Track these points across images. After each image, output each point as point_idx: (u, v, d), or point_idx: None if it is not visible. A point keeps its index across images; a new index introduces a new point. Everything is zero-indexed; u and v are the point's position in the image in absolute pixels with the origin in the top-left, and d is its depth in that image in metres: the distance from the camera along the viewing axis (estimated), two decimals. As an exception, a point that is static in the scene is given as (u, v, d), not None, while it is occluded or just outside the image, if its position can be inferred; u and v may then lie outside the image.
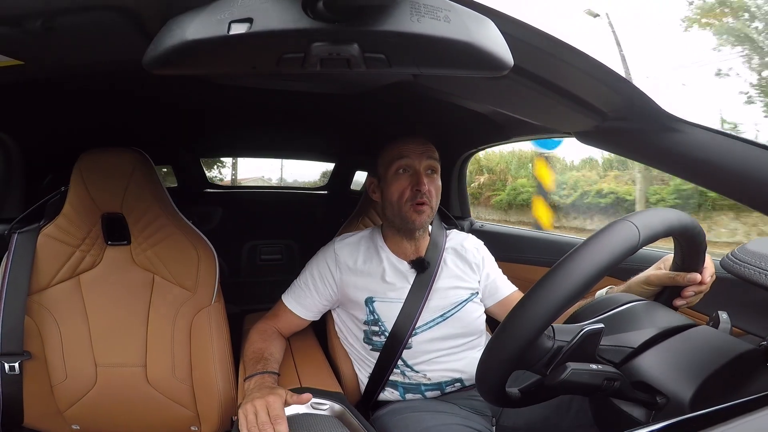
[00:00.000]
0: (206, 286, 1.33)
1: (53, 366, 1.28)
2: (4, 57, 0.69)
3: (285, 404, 1.00)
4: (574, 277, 0.64)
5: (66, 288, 1.30)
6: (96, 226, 1.31)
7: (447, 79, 0.97)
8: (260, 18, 0.48)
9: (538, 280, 0.67)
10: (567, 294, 0.64)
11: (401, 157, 1.29)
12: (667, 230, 0.71)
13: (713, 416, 0.48)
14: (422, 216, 1.28)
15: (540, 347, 0.69)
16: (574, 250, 0.67)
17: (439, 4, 0.52)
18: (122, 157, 1.28)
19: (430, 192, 1.28)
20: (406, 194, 1.27)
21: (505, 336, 0.68)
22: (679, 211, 0.76)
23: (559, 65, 0.77)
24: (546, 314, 0.64)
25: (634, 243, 0.66)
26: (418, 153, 1.29)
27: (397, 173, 1.29)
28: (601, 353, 0.72)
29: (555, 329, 0.71)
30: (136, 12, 0.59)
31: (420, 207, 1.26)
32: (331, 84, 1.27)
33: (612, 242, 0.66)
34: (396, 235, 1.37)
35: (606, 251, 0.65)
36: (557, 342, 0.70)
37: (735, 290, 0.97)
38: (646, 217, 0.70)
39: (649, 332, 0.73)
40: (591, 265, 0.64)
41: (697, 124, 0.90)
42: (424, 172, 1.28)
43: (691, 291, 0.89)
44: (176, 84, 1.31)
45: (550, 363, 0.70)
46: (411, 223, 1.28)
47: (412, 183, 1.27)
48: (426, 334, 1.30)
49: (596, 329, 0.69)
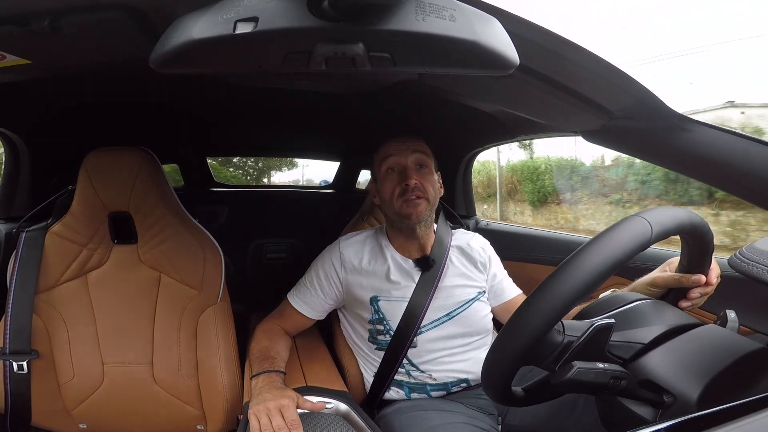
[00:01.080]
0: (212, 284, 1.34)
1: (61, 365, 1.29)
2: (12, 56, 0.69)
3: (297, 407, 1.00)
4: (586, 271, 0.64)
5: (73, 287, 1.30)
6: (103, 225, 1.32)
7: (452, 78, 0.97)
8: (266, 17, 0.48)
9: (545, 277, 0.67)
10: (578, 288, 0.63)
11: (388, 155, 1.30)
12: (678, 228, 0.71)
13: (720, 415, 0.48)
14: (418, 208, 1.27)
15: (550, 342, 0.69)
16: (586, 245, 0.67)
17: (444, 3, 0.52)
18: (129, 156, 1.28)
19: (422, 185, 1.28)
20: (396, 191, 1.28)
21: (515, 329, 0.68)
22: (690, 210, 0.76)
23: (565, 64, 0.77)
24: (557, 308, 0.64)
25: (646, 239, 0.66)
26: (403, 149, 1.30)
27: (387, 173, 1.31)
28: (611, 349, 0.72)
29: (565, 325, 0.71)
30: (142, 11, 0.59)
31: (414, 200, 1.26)
32: (335, 83, 1.27)
33: (624, 237, 0.66)
34: (400, 234, 1.37)
35: (618, 246, 0.65)
36: (567, 337, 0.70)
37: (743, 289, 0.96)
38: (658, 214, 0.70)
39: (659, 329, 0.73)
40: (603, 260, 0.64)
41: (705, 123, 0.89)
42: (412, 167, 1.29)
43: (696, 293, 0.88)
44: (182, 83, 1.32)
45: (559, 358, 0.70)
46: (407, 217, 1.28)
47: (401, 179, 1.28)
48: (431, 332, 1.29)
49: (607, 323, 0.69)
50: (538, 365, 0.73)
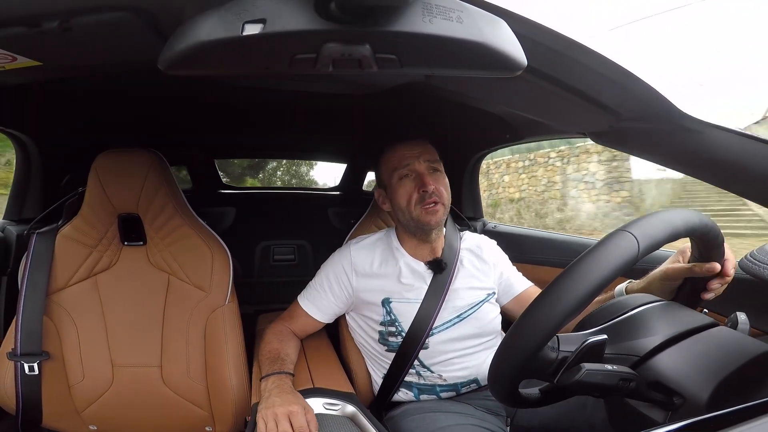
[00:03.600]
0: (220, 286, 1.34)
1: (71, 366, 1.30)
2: (23, 58, 0.70)
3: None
4: (571, 295, 0.64)
5: (83, 288, 1.31)
6: (113, 227, 1.33)
7: (459, 80, 0.97)
8: (273, 19, 0.49)
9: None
10: (564, 311, 0.63)
11: (400, 162, 1.30)
12: (670, 236, 0.69)
13: (731, 417, 0.48)
14: (436, 216, 1.27)
15: (544, 359, 0.69)
16: (571, 266, 0.66)
17: (451, 4, 0.52)
18: (138, 157, 1.29)
19: (438, 190, 1.28)
20: (414, 197, 1.27)
21: (510, 348, 0.69)
22: (688, 211, 0.75)
23: (573, 65, 0.76)
24: (543, 332, 0.65)
25: (632, 256, 0.65)
26: (416, 155, 1.30)
27: (401, 179, 1.30)
28: (607, 362, 0.71)
29: (560, 339, 0.71)
30: (151, 12, 0.60)
31: (432, 207, 1.26)
32: (342, 84, 1.27)
33: (609, 257, 0.65)
34: (412, 238, 1.37)
35: (603, 267, 0.64)
36: (561, 353, 0.70)
37: (754, 291, 0.95)
38: (645, 225, 0.69)
39: (656, 339, 0.72)
40: (588, 283, 0.64)
41: (715, 124, 0.89)
42: (427, 172, 1.29)
43: (716, 284, 0.87)
44: (191, 85, 1.33)
45: (556, 372, 0.70)
46: (426, 225, 1.28)
47: (417, 185, 1.27)
48: (443, 334, 1.30)
49: (599, 340, 0.69)
50: (537, 378, 0.73)
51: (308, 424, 0.97)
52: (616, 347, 0.73)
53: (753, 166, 0.84)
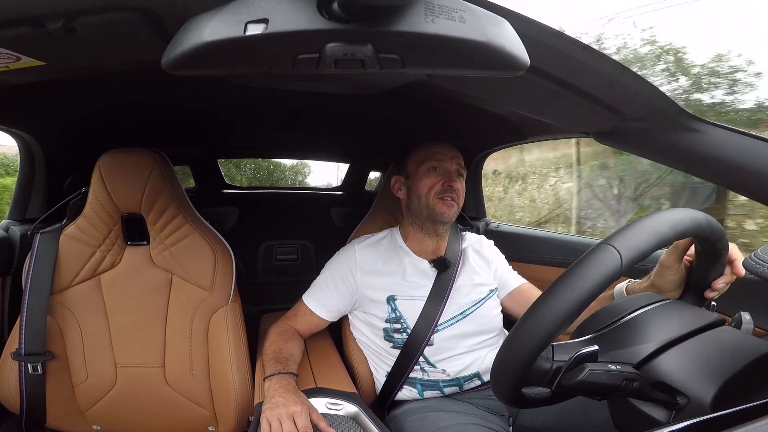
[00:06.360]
0: (223, 286, 1.34)
1: (75, 366, 1.30)
2: (27, 57, 0.71)
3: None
4: (556, 312, 0.64)
5: (87, 288, 1.31)
6: (116, 227, 1.33)
7: (462, 80, 0.96)
8: (276, 19, 0.49)
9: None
10: (549, 329, 0.64)
11: (434, 157, 1.35)
12: (657, 244, 0.68)
13: (735, 417, 0.48)
14: (451, 210, 1.33)
15: (538, 370, 0.70)
16: (554, 284, 0.66)
17: (453, 4, 0.52)
18: (141, 157, 1.29)
19: (458, 191, 1.34)
20: (436, 188, 1.32)
21: (505, 361, 0.70)
22: (679, 211, 0.72)
23: (576, 65, 0.76)
24: (530, 349, 0.65)
25: (614, 270, 0.64)
26: (450, 157, 1.36)
27: (429, 170, 1.34)
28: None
29: (554, 349, 0.71)
30: (154, 13, 0.60)
31: (450, 201, 1.32)
32: (345, 84, 1.27)
33: (592, 273, 0.64)
34: (419, 233, 1.40)
35: (586, 284, 0.64)
36: (555, 363, 0.70)
37: (757, 290, 0.95)
38: (628, 236, 0.67)
39: (649, 347, 0.71)
40: (571, 300, 0.64)
41: (718, 123, 0.88)
42: (455, 173, 1.35)
43: (721, 283, 0.86)
44: (194, 85, 1.33)
45: (552, 380, 0.70)
46: (440, 215, 1.32)
47: (444, 179, 1.32)
48: (447, 331, 1.31)
49: (591, 351, 0.68)
50: (534, 386, 0.73)
51: (317, 424, 0.98)
52: (609, 356, 0.72)
53: (755, 165, 0.84)
